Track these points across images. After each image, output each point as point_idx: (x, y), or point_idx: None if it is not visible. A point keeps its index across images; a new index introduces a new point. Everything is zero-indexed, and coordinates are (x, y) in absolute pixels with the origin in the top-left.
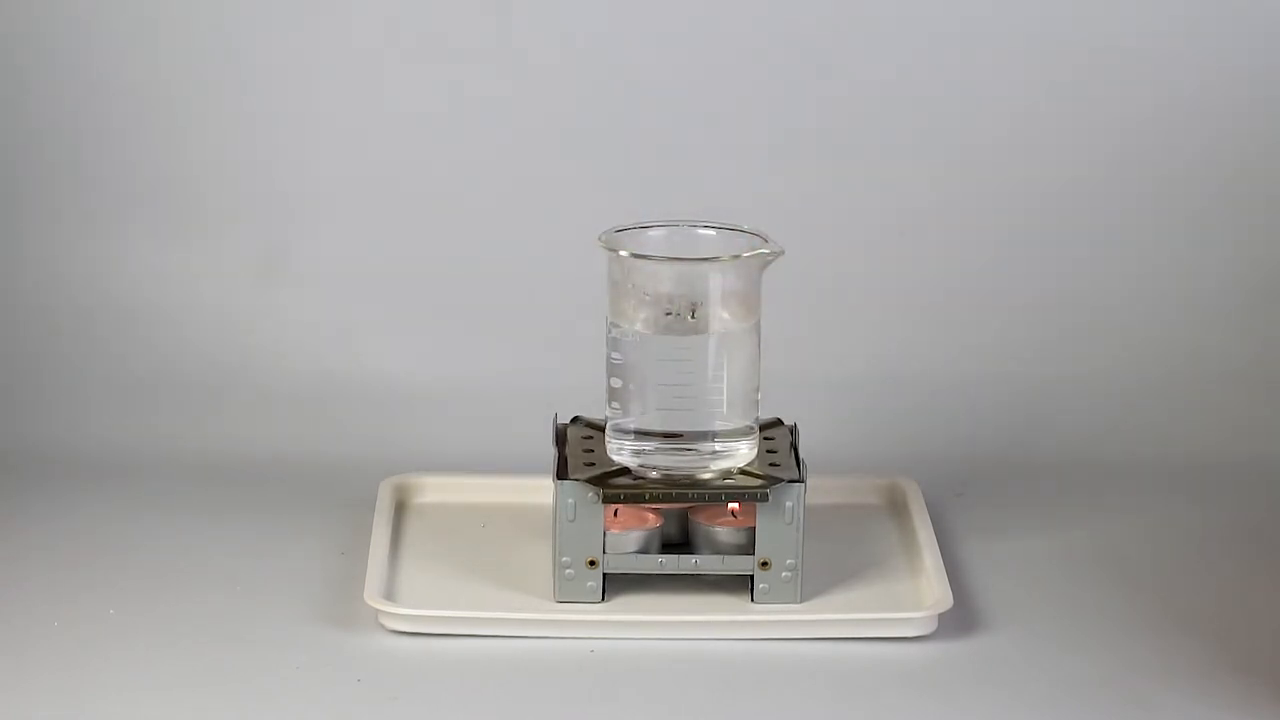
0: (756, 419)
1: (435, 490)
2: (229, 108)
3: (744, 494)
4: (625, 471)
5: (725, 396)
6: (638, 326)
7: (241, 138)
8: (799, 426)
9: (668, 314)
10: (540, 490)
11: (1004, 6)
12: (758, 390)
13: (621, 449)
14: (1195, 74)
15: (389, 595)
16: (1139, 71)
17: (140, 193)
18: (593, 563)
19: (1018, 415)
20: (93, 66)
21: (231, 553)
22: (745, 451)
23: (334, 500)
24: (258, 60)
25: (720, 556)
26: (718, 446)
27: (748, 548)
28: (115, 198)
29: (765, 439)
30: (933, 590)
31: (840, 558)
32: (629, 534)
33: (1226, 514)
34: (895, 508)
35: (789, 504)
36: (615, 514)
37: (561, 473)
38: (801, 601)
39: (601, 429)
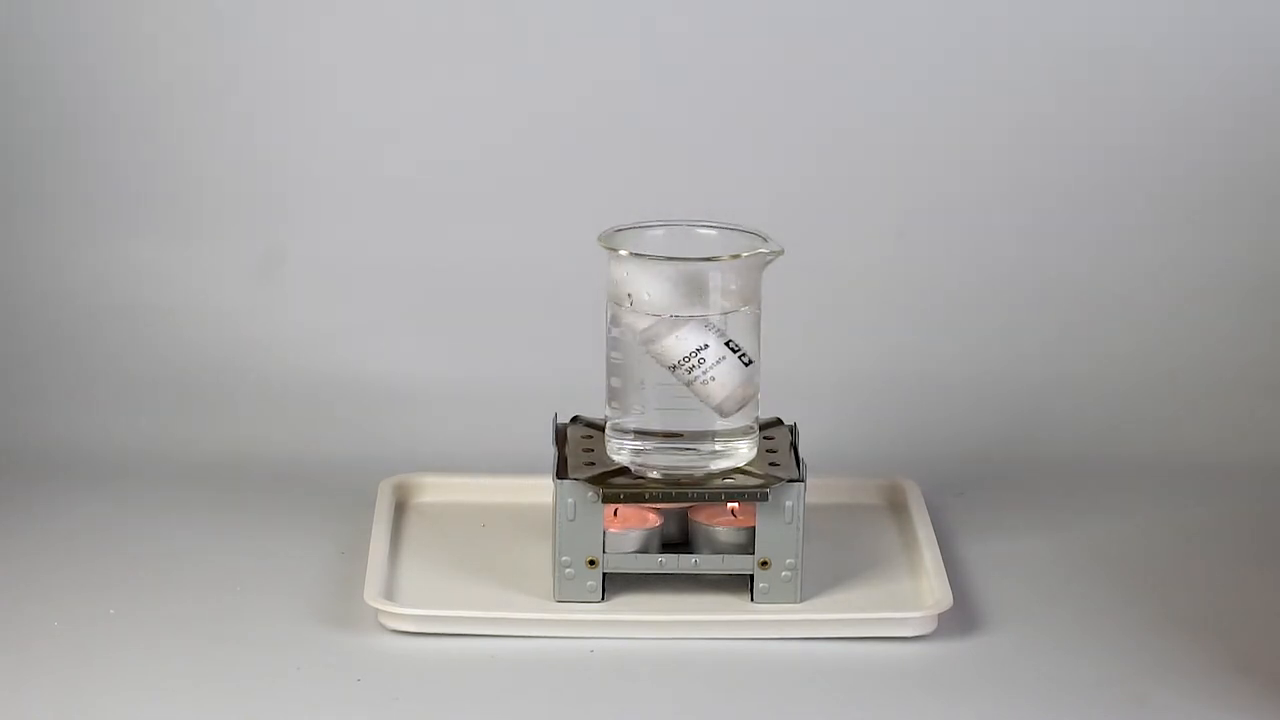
0: (756, 418)
1: (435, 490)
2: (229, 108)
3: (744, 494)
4: (625, 471)
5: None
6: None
7: (241, 138)
8: (799, 426)
9: None
10: (540, 490)
11: (1006, 7)
12: (758, 390)
13: (621, 448)
14: (1196, 74)
15: (389, 595)
16: (1140, 71)
17: (140, 193)
18: (593, 562)
19: (1018, 415)
20: (92, 67)
21: (231, 553)
22: (745, 451)
23: (334, 500)
24: (258, 60)
25: (720, 556)
26: (718, 446)
27: (747, 547)
28: (115, 198)
29: (765, 439)
30: (933, 590)
31: (840, 558)
32: (629, 534)
33: (1226, 514)
34: (895, 508)
35: (789, 504)
36: (615, 514)
37: (561, 472)
38: (801, 601)
39: (601, 429)
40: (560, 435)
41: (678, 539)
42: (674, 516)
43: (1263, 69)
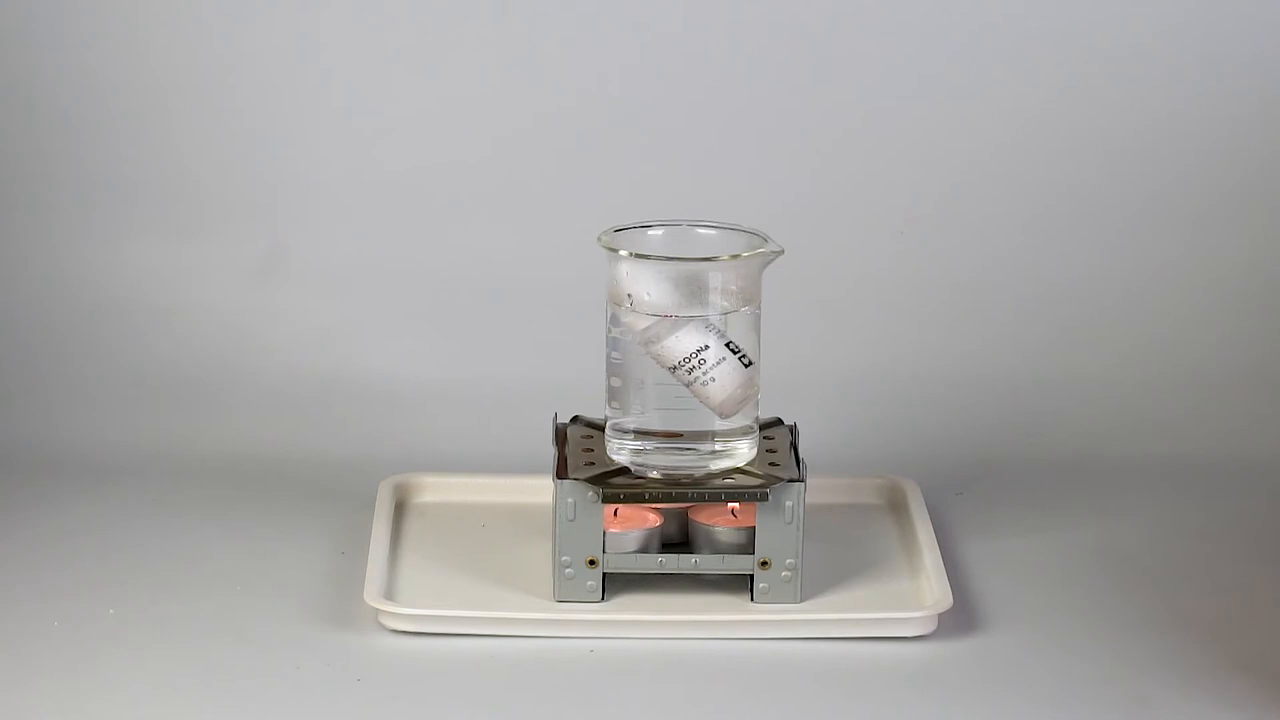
0: (756, 418)
1: (435, 490)
2: (228, 107)
3: (744, 494)
4: (625, 471)
5: None
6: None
7: (241, 137)
8: (799, 426)
9: None
10: (540, 490)
11: (1006, 8)
12: (758, 391)
13: (621, 448)
14: (1197, 73)
15: (389, 595)
16: (1141, 71)
17: (139, 193)
18: (593, 562)
19: (1018, 415)
20: (92, 66)
21: (231, 553)
22: (745, 451)
23: (334, 500)
24: (258, 60)
25: (720, 556)
26: (717, 446)
27: (748, 547)
28: (114, 197)
29: (765, 439)
30: (933, 590)
31: (840, 558)
32: (629, 533)
33: (1226, 514)
34: (895, 508)
35: (789, 504)
36: (615, 513)
37: (561, 472)
38: (801, 601)
39: (601, 429)
40: (560, 435)
41: (678, 539)
42: (674, 516)
43: (1263, 69)
